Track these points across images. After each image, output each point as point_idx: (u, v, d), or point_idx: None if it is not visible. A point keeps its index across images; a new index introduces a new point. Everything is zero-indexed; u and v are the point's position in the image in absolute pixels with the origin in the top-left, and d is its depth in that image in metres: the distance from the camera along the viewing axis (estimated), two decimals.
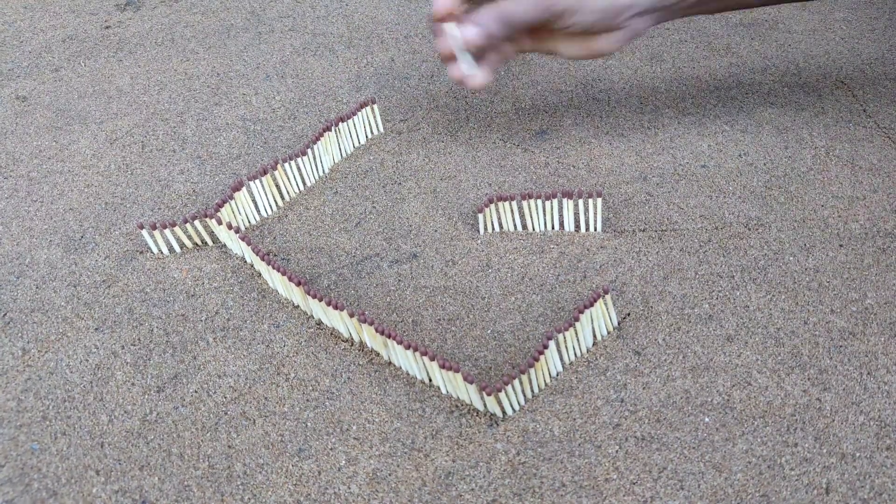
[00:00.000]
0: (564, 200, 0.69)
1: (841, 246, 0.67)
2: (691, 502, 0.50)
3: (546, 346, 0.55)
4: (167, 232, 0.70)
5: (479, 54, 0.71)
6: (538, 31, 0.73)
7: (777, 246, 0.67)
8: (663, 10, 0.72)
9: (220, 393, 0.59)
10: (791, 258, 0.66)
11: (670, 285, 0.65)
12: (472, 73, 0.71)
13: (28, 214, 0.77)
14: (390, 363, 0.60)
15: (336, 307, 0.60)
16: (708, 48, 0.96)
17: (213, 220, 0.69)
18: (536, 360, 0.55)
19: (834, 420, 0.54)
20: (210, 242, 0.72)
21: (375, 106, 0.83)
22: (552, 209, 0.70)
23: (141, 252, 0.72)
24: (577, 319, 0.58)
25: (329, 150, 0.79)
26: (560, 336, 0.57)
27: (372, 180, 0.78)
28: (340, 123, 0.80)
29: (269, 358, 0.61)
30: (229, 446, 0.55)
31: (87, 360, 0.62)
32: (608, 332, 0.61)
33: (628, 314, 0.62)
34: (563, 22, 0.69)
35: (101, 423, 0.57)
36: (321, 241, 0.72)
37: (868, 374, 0.56)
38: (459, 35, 0.68)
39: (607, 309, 0.60)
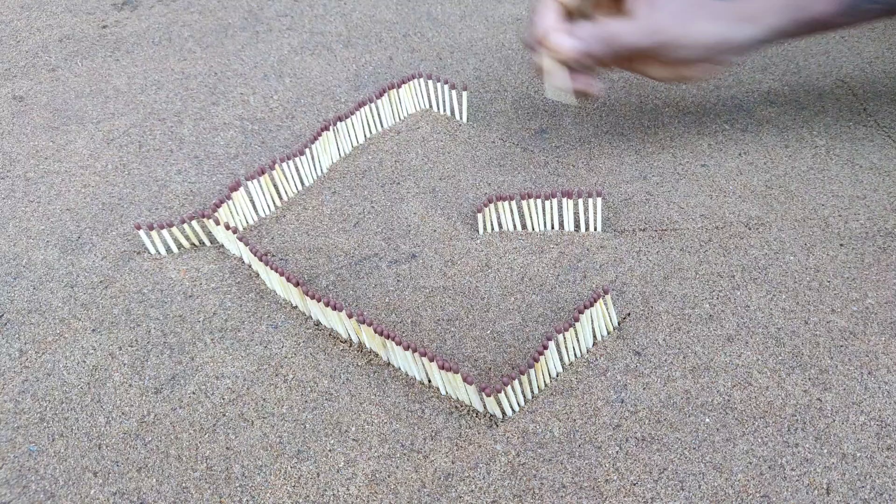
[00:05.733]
0: (564, 200, 0.69)
1: (841, 245, 0.67)
2: (692, 503, 0.50)
3: (546, 347, 0.55)
4: (164, 232, 0.70)
5: (572, 68, 0.70)
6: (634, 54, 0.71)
7: (777, 245, 0.67)
8: (760, 45, 0.71)
9: (217, 394, 0.59)
10: (791, 257, 0.66)
11: (670, 285, 0.64)
12: (568, 87, 0.70)
13: (25, 215, 0.77)
14: (389, 364, 0.60)
15: (334, 308, 0.60)
16: None
17: (211, 221, 0.69)
18: (536, 360, 0.55)
19: (835, 420, 0.54)
20: (208, 243, 0.72)
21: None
22: (552, 209, 0.70)
23: (138, 252, 0.71)
24: (576, 320, 0.57)
25: (328, 150, 0.79)
26: (560, 336, 0.57)
27: (370, 180, 0.78)
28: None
29: (267, 359, 0.61)
30: (227, 448, 0.55)
31: (85, 362, 0.62)
32: (608, 333, 0.61)
33: (628, 314, 0.62)
34: (665, 53, 0.68)
35: (98, 424, 0.57)
36: (319, 242, 0.71)
37: (869, 373, 0.56)
38: (558, 47, 0.67)
39: (607, 309, 0.60)
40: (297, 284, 0.62)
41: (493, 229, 0.71)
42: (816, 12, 0.68)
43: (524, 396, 0.56)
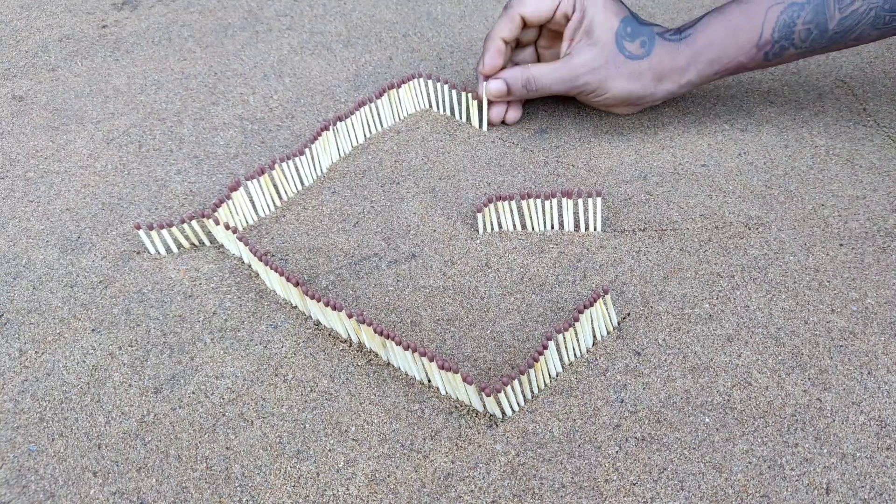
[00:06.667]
0: (564, 200, 0.69)
1: (841, 245, 0.67)
2: (692, 503, 0.50)
3: (546, 347, 0.55)
4: (164, 232, 0.70)
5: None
6: None
7: (777, 245, 0.67)
8: (678, 94, 0.78)
9: (217, 394, 0.59)
10: (791, 257, 0.66)
11: (670, 285, 0.64)
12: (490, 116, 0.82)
13: (25, 215, 0.77)
14: (389, 364, 0.60)
15: (334, 307, 0.60)
16: None
17: (211, 221, 0.69)
18: (536, 360, 0.55)
19: (834, 420, 0.54)
20: (207, 243, 0.72)
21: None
22: (552, 209, 0.70)
23: (138, 252, 0.71)
24: (576, 320, 0.57)
25: (328, 150, 0.79)
26: (560, 336, 0.57)
27: (370, 180, 0.78)
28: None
29: (267, 359, 0.61)
30: (227, 448, 0.55)
31: (85, 362, 0.62)
32: (608, 333, 0.61)
33: (628, 314, 0.62)
34: (584, 98, 0.78)
35: (98, 424, 0.57)
36: (319, 241, 0.71)
37: (868, 373, 0.56)
38: (486, 89, 0.79)
39: (607, 309, 0.60)
40: (297, 284, 0.62)
41: (493, 229, 0.71)
42: (739, 63, 0.74)
43: (524, 396, 0.56)
